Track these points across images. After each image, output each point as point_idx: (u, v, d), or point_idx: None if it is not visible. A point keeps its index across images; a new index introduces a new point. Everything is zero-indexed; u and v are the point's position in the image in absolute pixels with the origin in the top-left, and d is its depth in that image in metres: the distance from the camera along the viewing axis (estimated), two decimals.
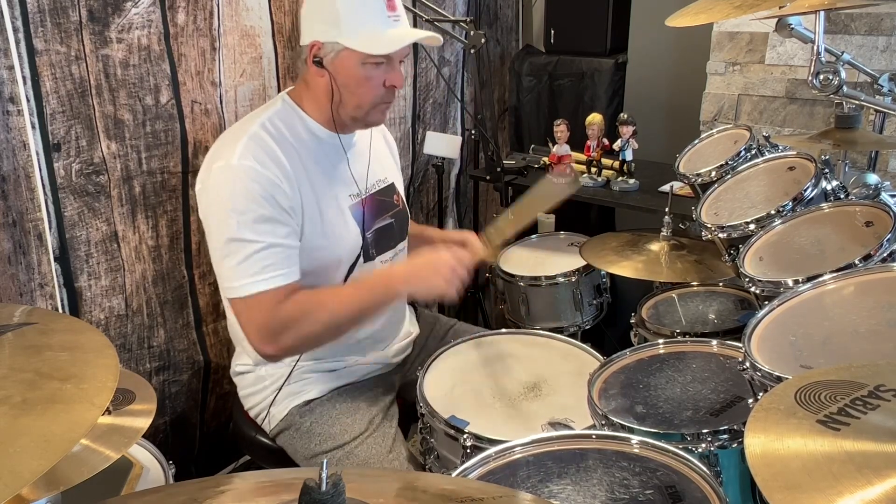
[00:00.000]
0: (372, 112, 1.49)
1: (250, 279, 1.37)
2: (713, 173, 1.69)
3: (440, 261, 1.43)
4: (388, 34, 1.42)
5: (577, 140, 2.39)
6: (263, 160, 1.39)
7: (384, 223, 1.62)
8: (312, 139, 1.51)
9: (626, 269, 1.77)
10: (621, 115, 2.26)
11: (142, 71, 1.62)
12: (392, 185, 1.69)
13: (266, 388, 1.58)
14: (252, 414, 1.63)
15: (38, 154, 1.47)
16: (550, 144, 2.43)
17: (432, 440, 1.40)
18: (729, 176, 1.66)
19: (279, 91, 1.93)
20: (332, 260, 1.52)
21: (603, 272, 1.97)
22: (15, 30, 1.39)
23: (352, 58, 1.41)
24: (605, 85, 2.75)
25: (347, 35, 1.39)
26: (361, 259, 1.56)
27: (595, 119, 2.34)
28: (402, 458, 1.50)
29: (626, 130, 2.21)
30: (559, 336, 1.66)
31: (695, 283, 1.77)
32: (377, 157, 1.66)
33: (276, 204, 1.39)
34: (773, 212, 1.42)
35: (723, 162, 1.69)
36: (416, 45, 2.48)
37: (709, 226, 1.52)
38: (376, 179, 1.64)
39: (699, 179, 1.72)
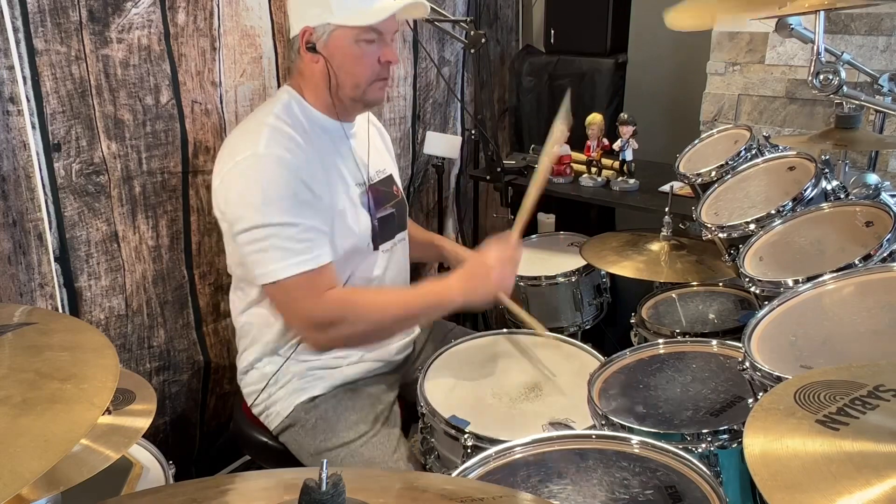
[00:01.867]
0: (369, 90, 1.50)
1: (288, 261, 1.37)
2: (713, 173, 1.69)
3: (486, 265, 1.49)
4: (376, 6, 1.44)
5: (577, 140, 2.39)
6: (290, 147, 1.41)
7: (387, 213, 1.63)
8: (319, 129, 1.52)
9: (626, 269, 1.77)
10: (621, 115, 2.25)
11: (142, 71, 1.62)
12: (391, 175, 1.70)
13: (271, 385, 1.58)
14: (256, 411, 1.63)
15: (38, 154, 1.47)
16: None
17: (433, 440, 1.40)
18: (729, 176, 1.66)
19: None
20: (346, 248, 1.52)
21: (603, 272, 1.97)
22: (15, 30, 1.39)
23: (345, 36, 1.43)
24: (605, 85, 2.75)
25: (338, 13, 1.41)
26: (371, 247, 1.57)
27: (595, 119, 2.34)
28: (405, 459, 1.50)
29: (626, 130, 2.21)
30: (559, 336, 1.66)
31: (695, 283, 1.77)
32: (375, 148, 1.68)
33: (308, 188, 1.40)
34: (773, 212, 1.42)
35: (723, 162, 1.68)
36: (416, 45, 2.48)
37: (709, 226, 1.52)
38: (377, 170, 1.65)
39: (699, 179, 1.72)
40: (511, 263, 1.53)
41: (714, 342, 1.37)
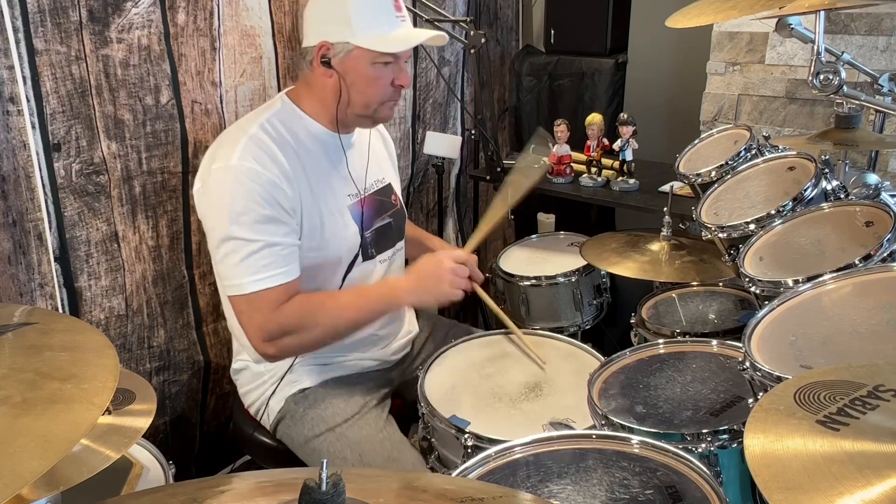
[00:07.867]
0: (380, 109, 1.50)
1: (251, 277, 1.38)
2: (713, 173, 1.69)
3: (441, 267, 1.47)
4: (397, 34, 1.44)
5: (577, 140, 2.39)
6: (263, 161, 1.40)
7: (383, 223, 1.63)
8: (312, 139, 1.51)
9: (626, 268, 1.77)
10: (621, 115, 2.25)
11: (142, 71, 1.62)
12: (389, 185, 1.70)
13: (265, 382, 1.59)
14: (252, 410, 1.63)
15: (38, 154, 1.47)
16: (550, 144, 2.43)
17: (433, 440, 1.40)
18: (729, 176, 1.66)
19: (279, 91, 1.93)
20: (332, 259, 1.53)
21: (603, 272, 1.97)
22: (15, 30, 1.39)
23: (363, 57, 1.42)
24: (605, 85, 2.75)
25: (359, 35, 1.41)
26: (360, 258, 1.57)
27: (595, 119, 2.33)
28: (394, 440, 1.50)
29: (626, 130, 2.21)
30: (559, 336, 1.66)
31: (695, 283, 1.77)
32: (375, 158, 1.67)
33: (277, 204, 1.40)
34: (773, 212, 1.42)
35: (723, 162, 1.68)
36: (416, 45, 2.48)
37: (709, 226, 1.52)
38: (374, 179, 1.65)
39: (699, 179, 1.72)
40: (463, 270, 1.50)
41: (714, 342, 1.37)
